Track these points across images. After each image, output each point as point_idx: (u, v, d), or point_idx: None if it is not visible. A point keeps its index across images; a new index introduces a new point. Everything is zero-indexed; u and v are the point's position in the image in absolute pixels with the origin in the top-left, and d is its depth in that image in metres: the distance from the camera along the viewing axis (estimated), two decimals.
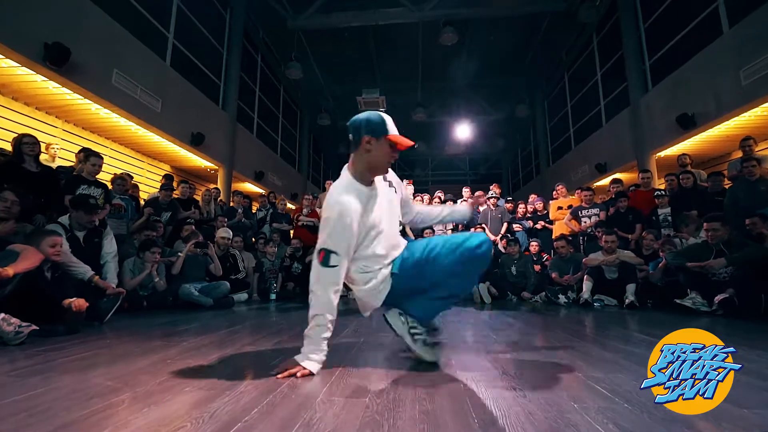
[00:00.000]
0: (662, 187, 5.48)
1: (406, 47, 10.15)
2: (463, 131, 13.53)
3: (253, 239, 5.80)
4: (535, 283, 4.66)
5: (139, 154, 7.06)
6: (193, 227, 4.53)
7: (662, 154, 7.07)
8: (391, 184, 1.57)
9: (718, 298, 2.87)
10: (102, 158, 3.70)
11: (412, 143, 1.44)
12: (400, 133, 1.45)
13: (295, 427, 0.86)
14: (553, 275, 4.37)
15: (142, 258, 3.49)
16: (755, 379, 1.23)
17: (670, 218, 4.54)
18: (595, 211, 5.22)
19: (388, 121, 1.42)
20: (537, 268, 4.94)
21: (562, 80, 11.50)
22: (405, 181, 8.09)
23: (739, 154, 4.65)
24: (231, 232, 4.66)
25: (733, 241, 3.15)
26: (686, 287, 3.19)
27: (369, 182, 1.46)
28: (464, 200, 6.73)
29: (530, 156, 14.53)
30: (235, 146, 8.46)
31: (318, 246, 1.36)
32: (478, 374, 1.34)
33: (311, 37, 9.81)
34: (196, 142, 6.96)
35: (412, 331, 1.47)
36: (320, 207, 6.27)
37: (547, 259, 5.18)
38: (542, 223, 5.94)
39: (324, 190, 6.83)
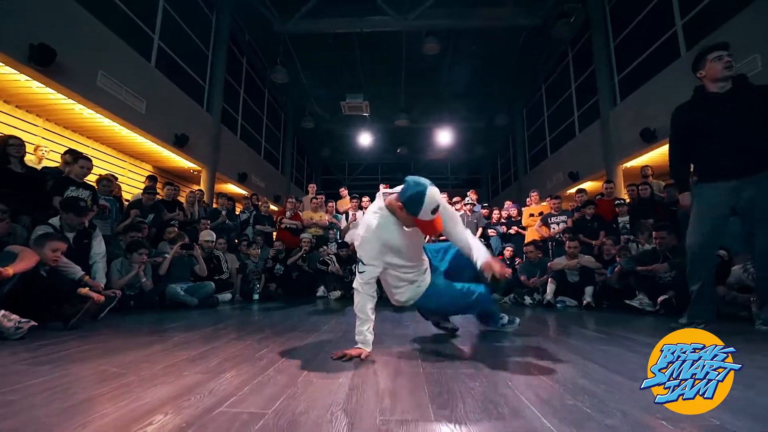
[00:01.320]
0: (626, 196, 5.88)
1: (390, 54, 10.41)
2: (444, 137, 13.91)
3: (236, 240, 5.91)
4: (504, 285, 4.94)
5: (122, 154, 7.05)
6: (177, 229, 4.62)
7: (628, 164, 7.53)
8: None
9: (660, 298, 3.21)
10: (90, 161, 3.77)
11: (434, 232, 1.63)
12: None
13: (281, 399, 1.07)
14: (522, 278, 4.67)
15: (129, 259, 3.59)
16: None
17: (628, 226, 4.92)
18: (563, 218, 5.57)
19: (427, 204, 1.50)
20: (509, 271, 5.22)
21: (540, 91, 11.99)
22: (382, 186, 8.29)
23: None
24: (214, 235, 4.77)
25: (678, 247, 3.50)
26: (636, 289, 3.53)
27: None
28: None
29: (509, 162, 15.00)
30: (219, 148, 8.52)
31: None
32: (436, 360, 1.57)
33: (297, 42, 9.95)
34: (179, 143, 7.00)
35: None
36: (303, 210, 6.43)
37: (519, 263, 5.48)
38: (515, 228, 6.27)
39: (307, 192, 6.99)
